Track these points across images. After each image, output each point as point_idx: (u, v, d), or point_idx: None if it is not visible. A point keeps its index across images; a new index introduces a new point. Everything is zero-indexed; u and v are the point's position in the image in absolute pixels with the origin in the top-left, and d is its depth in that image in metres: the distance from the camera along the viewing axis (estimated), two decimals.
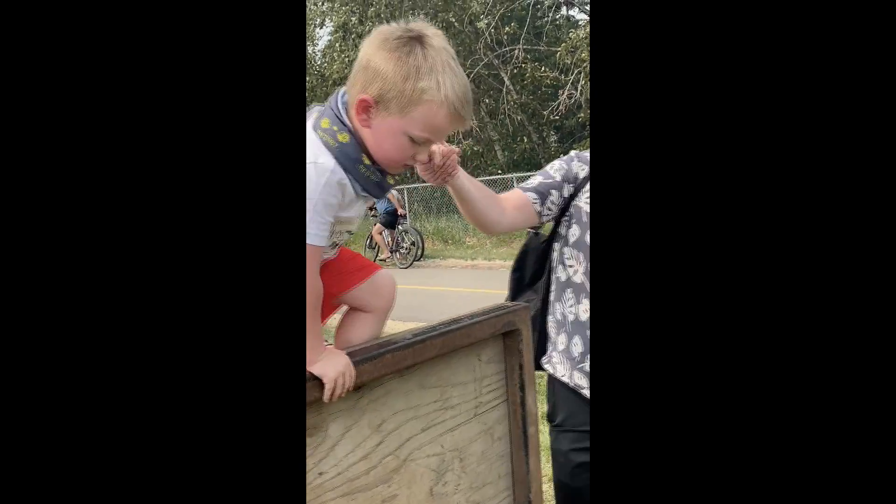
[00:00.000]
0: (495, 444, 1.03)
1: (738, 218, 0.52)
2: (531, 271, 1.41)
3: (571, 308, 1.31)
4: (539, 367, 1.36)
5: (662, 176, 0.54)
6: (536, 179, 1.32)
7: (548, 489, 2.14)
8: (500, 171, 12.98)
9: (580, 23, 13.35)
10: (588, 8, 12.51)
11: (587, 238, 1.27)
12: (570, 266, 1.31)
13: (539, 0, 13.08)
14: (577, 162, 1.33)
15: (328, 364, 0.71)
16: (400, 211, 9.91)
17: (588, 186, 1.30)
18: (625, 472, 0.54)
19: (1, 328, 0.45)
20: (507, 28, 12.13)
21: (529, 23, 12.44)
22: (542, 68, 12.53)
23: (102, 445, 0.48)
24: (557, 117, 12.25)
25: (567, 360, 1.32)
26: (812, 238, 0.50)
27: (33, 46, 0.47)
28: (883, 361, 0.48)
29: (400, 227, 9.83)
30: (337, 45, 13.11)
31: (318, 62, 14.58)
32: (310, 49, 14.36)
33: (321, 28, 13.89)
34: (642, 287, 0.54)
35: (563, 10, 14.50)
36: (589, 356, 1.27)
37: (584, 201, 1.30)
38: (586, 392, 1.29)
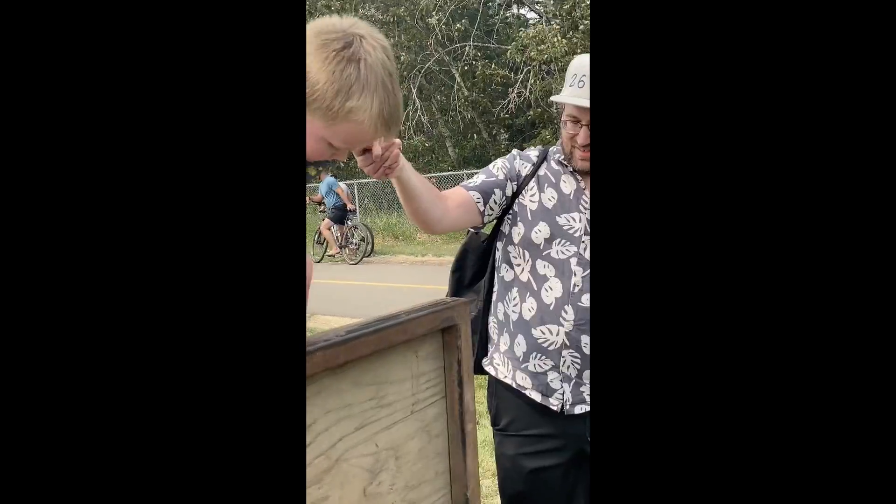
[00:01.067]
0: (432, 442, 1.02)
1: (743, 220, 0.51)
2: (471, 271, 1.40)
3: (515, 307, 1.30)
4: (479, 370, 1.35)
5: (663, 177, 0.53)
6: (479, 178, 1.31)
7: (491, 483, 2.15)
8: (451, 168, 13.01)
9: (530, 21, 13.49)
10: (538, 7, 12.66)
11: (533, 236, 1.27)
12: (517, 265, 1.30)
13: None
14: (520, 160, 1.33)
15: None
16: (349, 206, 9.79)
17: (532, 184, 1.30)
18: (626, 477, 0.53)
19: None
20: (457, 24, 12.15)
21: (480, 20, 12.49)
22: (493, 66, 12.61)
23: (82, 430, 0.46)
24: (508, 115, 12.37)
25: (509, 361, 1.31)
26: (817, 240, 0.49)
27: (30, 45, 0.46)
28: (885, 363, 0.48)
29: (349, 222, 9.72)
30: None
31: None
32: None
33: None
34: (644, 288, 0.53)
35: (514, 9, 14.63)
36: (533, 356, 1.27)
37: (528, 199, 1.30)
38: (529, 393, 1.29)
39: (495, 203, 1.29)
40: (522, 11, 14.55)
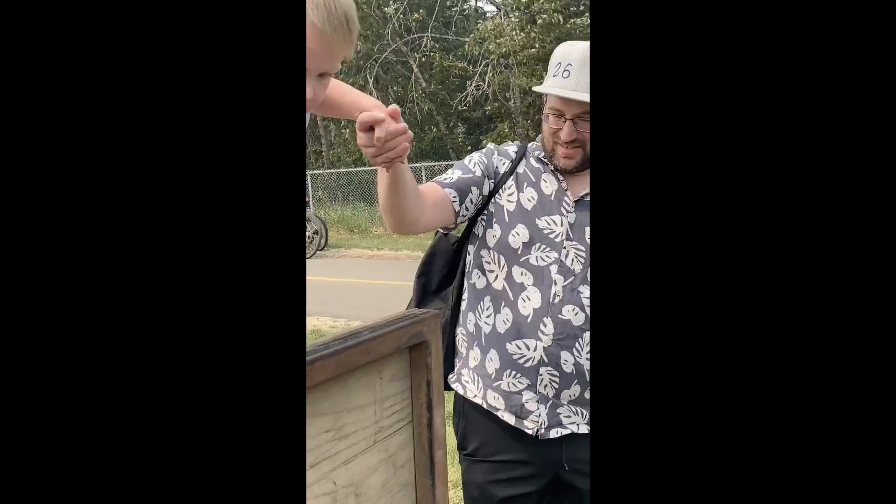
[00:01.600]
0: (398, 474, 0.90)
1: (749, 223, 0.49)
2: (439, 277, 1.27)
3: (489, 318, 1.18)
4: (445, 386, 1.24)
5: (668, 178, 0.51)
6: (455, 174, 1.18)
7: (453, 495, 2.05)
8: (407, 161, 12.82)
9: (488, 14, 13.43)
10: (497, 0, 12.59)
11: (510, 239, 1.16)
12: (491, 271, 1.19)
13: None
14: (498, 156, 1.21)
15: None
16: None
17: (510, 183, 1.19)
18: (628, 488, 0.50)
19: None
20: (415, 15, 11.97)
21: (438, 11, 12.35)
22: (451, 58, 12.51)
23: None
24: (465, 108, 12.29)
25: (480, 378, 1.19)
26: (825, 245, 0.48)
27: (29, 44, 0.46)
28: (885, 363, 0.47)
29: None
30: None
31: None
32: None
33: None
34: (648, 295, 0.51)
35: (472, 1, 14.53)
36: (506, 373, 1.16)
37: (505, 199, 1.18)
38: (501, 415, 1.17)
39: (471, 202, 1.17)
40: (480, 4, 14.48)
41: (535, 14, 10.75)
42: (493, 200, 1.19)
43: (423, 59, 12.64)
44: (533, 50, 10.42)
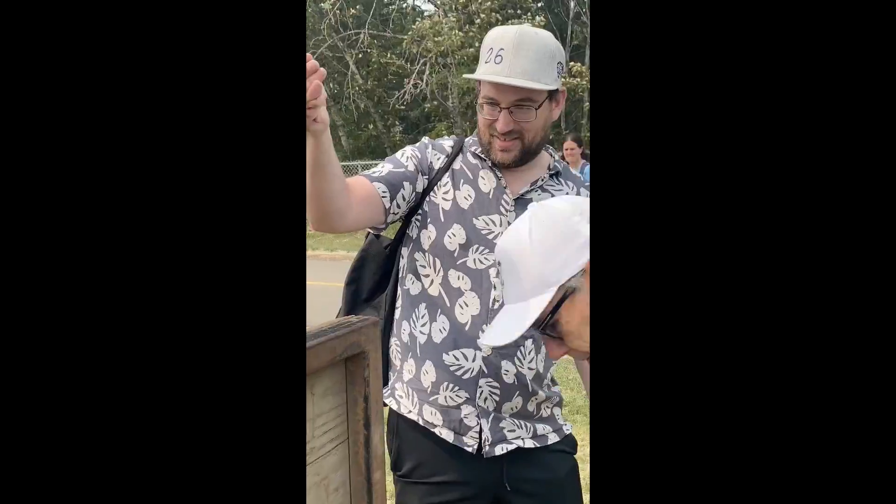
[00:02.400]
0: (331, 497, 0.82)
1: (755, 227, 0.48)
2: (370, 283, 1.18)
3: (424, 327, 1.10)
4: None
5: (668, 179, 0.50)
6: (385, 168, 1.08)
7: None
8: (344, 158, 12.63)
9: (426, 13, 13.39)
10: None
11: (446, 241, 1.07)
12: (426, 276, 1.10)
13: None
14: (432, 150, 1.12)
15: None
16: None
17: (445, 179, 1.12)
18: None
19: None
20: (352, 10, 11.78)
21: (375, 8, 12.21)
22: (388, 55, 12.39)
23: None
24: (403, 106, 12.20)
25: (415, 392, 1.11)
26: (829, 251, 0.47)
27: (29, 44, 0.46)
28: (886, 363, 0.46)
29: None
30: None
31: None
32: None
33: None
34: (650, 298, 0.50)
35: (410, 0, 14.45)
36: (443, 387, 1.08)
37: (441, 197, 1.10)
38: (439, 431, 1.09)
39: (403, 199, 1.08)
40: (418, 2, 14.42)
41: (472, 15, 10.79)
42: (427, 199, 1.11)
43: (360, 55, 12.46)
44: (472, 49, 10.44)
